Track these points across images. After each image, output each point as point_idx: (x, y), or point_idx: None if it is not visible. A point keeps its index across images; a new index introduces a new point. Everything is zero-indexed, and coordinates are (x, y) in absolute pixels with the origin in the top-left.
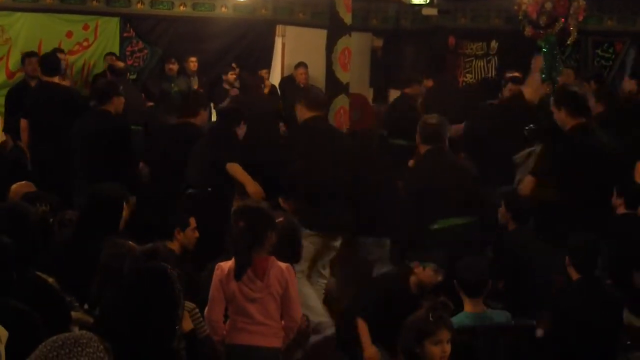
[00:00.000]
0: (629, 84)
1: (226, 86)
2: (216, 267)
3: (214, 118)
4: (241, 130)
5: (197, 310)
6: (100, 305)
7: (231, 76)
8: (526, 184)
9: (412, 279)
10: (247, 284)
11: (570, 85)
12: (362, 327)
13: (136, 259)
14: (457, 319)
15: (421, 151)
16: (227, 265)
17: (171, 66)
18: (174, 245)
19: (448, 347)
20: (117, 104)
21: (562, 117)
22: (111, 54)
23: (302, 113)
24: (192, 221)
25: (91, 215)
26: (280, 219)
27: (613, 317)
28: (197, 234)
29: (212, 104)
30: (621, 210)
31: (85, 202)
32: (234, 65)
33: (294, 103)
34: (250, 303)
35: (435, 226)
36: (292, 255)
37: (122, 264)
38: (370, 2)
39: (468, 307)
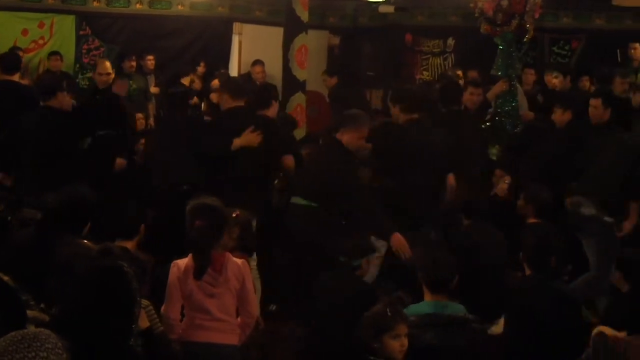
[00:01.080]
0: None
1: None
2: (172, 264)
3: None
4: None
5: (151, 307)
6: (57, 304)
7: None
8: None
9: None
10: (205, 279)
11: (404, 84)
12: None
13: (91, 258)
14: (417, 307)
15: None
16: (183, 262)
17: (132, 63)
18: (131, 244)
19: (406, 341)
20: (62, 99)
21: (396, 113)
22: (55, 53)
23: (227, 103)
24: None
25: (59, 216)
26: (237, 212)
27: (567, 313)
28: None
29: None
30: None
31: (55, 202)
32: (202, 63)
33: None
34: (208, 298)
35: (292, 200)
36: (246, 248)
37: (78, 263)
38: None
39: (428, 297)
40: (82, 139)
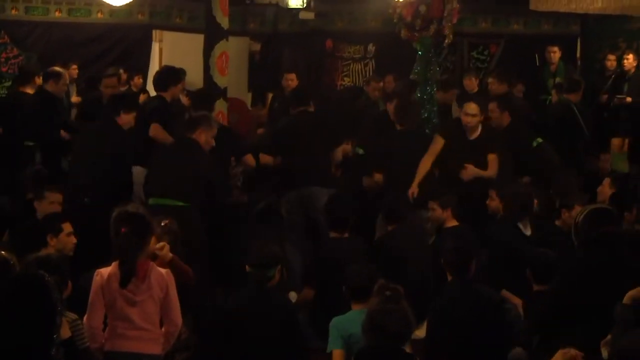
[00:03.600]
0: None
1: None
2: (95, 273)
3: None
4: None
5: (79, 321)
6: None
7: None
8: None
9: None
10: (128, 287)
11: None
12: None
13: (26, 267)
14: (349, 316)
15: None
16: (106, 271)
17: None
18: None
19: None
20: None
21: None
22: None
23: None
24: (67, 226)
25: None
26: (166, 221)
27: (488, 317)
28: (74, 239)
29: None
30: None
31: None
32: (121, 70)
33: None
34: (131, 307)
35: (150, 201)
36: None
37: None
38: (248, 6)
39: (356, 306)
40: None
